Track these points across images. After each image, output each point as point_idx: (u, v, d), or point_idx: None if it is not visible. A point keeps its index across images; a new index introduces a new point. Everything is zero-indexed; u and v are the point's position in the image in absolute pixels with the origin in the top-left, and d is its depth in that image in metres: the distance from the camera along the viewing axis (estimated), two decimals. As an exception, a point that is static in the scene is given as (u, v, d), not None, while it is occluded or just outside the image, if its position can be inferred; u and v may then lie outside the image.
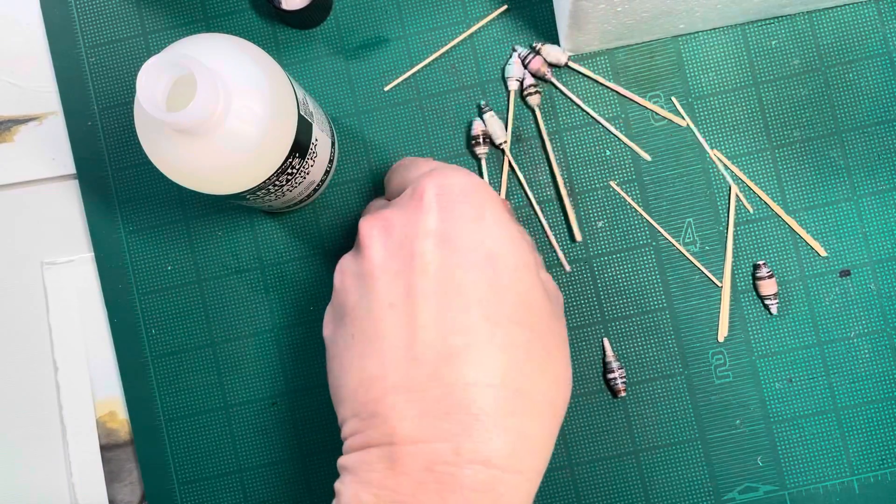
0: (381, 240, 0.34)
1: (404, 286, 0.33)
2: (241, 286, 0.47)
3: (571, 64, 0.47)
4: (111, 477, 0.48)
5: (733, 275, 0.46)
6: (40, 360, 0.48)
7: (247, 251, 0.47)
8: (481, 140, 0.45)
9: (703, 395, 0.46)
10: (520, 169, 0.47)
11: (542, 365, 0.33)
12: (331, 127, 0.45)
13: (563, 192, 0.46)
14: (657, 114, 0.47)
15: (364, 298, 0.34)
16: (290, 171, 0.39)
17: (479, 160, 0.47)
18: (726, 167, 0.46)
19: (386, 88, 0.47)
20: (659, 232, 0.46)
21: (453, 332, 0.32)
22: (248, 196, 0.39)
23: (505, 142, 0.47)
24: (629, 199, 0.46)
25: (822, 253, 0.46)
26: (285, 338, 0.47)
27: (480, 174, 0.47)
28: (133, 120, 0.37)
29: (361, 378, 0.33)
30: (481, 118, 0.47)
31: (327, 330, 0.37)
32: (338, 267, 0.37)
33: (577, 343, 0.46)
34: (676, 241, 0.46)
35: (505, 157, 0.47)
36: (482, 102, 0.47)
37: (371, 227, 0.35)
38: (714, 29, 0.47)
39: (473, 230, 0.33)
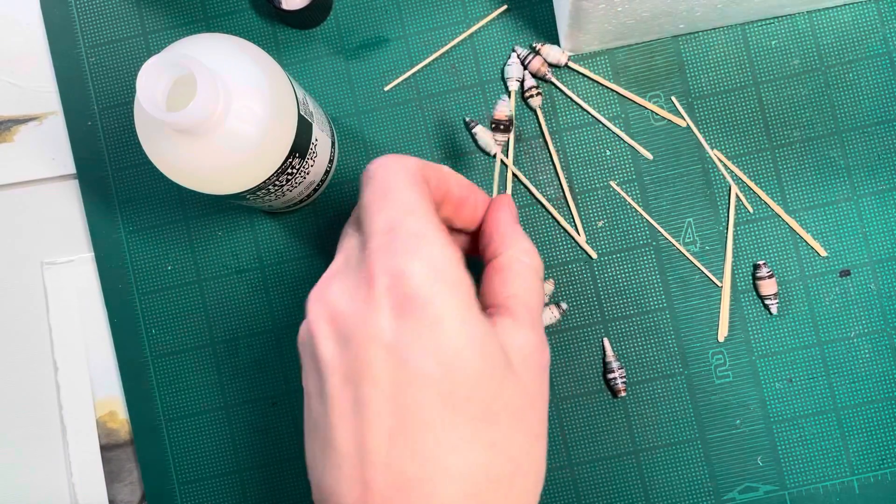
0: (329, 332, 0.31)
1: (354, 397, 0.30)
2: (242, 286, 0.47)
3: (571, 64, 0.47)
4: (111, 477, 0.48)
5: (733, 275, 0.46)
6: (40, 360, 0.48)
7: (247, 251, 0.47)
8: (502, 126, 0.42)
9: (703, 394, 0.46)
10: (521, 170, 0.47)
11: (510, 480, 0.30)
12: (331, 127, 0.45)
13: (567, 191, 0.46)
14: (657, 114, 0.47)
15: (319, 394, 0.31)
16: (290, 171, 0.39)
17: (496, 153, 0.46)
18: (726, 167, 0.46)
19: (386, 88, 0.47)
20: (659, 232, 0.46)
21: (405, 460, 0.29)
22: (248, 196, 0.39)
23: (497, 153, 0.47)
24: (629, 199, 0.46)
25: (823, 253, 0.46)
26: (285, 338, 0.47)
27: (506, 151, 0.47)
28: (133, 120, 0.37)
29: (321, 484, 0.31)
30: (470, 133, 0.47)
31: (305, 382, 0.33)
32: (299, 338, 0.33)
33: (577, 343, 0.46)
34: (676, 240, 0.46)
35: (508, 168, 0.47)
36: (467, 118, 0.47)
37: (318, 317, 0.31)
38: (714, 29, 0.47)
39: (429, 339, 0.29)
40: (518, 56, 0.47)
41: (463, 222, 0.37)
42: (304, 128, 0.39)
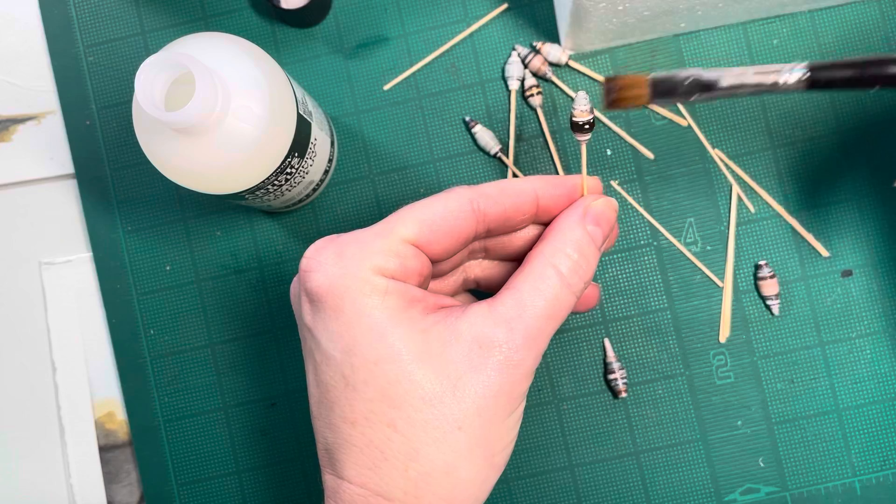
0: (295, 305, 0.35)
1: (309, 368, 0.35)
2: (240, 286, 0.47)
3: (572, 63, 0.46)
4: (109, 478, 0.48)
5: (735, 275, 0.46)
6: (38, 360, 0.48)
7: (246, 251, 0.47)
8: (587, 126, 0.38)
9: (704, 395, 0.46)
10: (521, 169, 0.47)
11: (406, 461, 0.32)
12: (330, 126, 0.45)
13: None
14: (658, 113, 0.46)
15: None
16: (288, 170, 0.39)
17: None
18: (728, 166, 0.46)
19: (385, 87, 0.47)
20: (660, 232, 0.46)
21: (323, 427, 0.34)
22: (246, 196, 0.39)
23: (499, 151, 0.46)
24: (630, 199, 0.46)
25: (825, 253, 0.46)
26: (284, 338, 0.47)
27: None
28: (131, 119, 0.37)
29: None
30: (470, 133, 0.46)
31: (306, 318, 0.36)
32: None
33: (578, 343, 0.46)
34: (678, 240, 0.46)
35: (509, 168, 0.46)
36: (467, 118, 0.46)
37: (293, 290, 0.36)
38: (715, 28, 0.46)
39: (318, 330, 0.33)
40: (518, 55, 0.46)
41: (520, 221, 0.36)
42: (303, 127, 0.39)
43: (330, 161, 0.45)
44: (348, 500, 0.33)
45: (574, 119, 0.36)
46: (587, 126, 0.36)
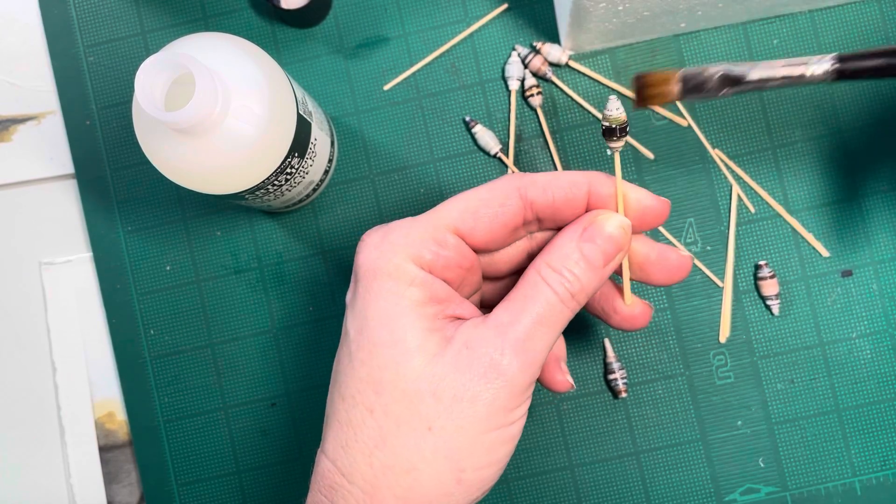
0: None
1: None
2: (240, 286, 0.47)
3: (572, 63, 0.46)
4: (110, 478, 0.48)
5: (735, 275, 0.46)
6: (38, 360, 0.48)
7: (246, 251, 0.47)
8: (618, 132, 0.35)
9: (704, 395, 0.46)
10: (521, 169, 0.47)
11: (370, 450, 0.32)
12: (330, 126, 0.45)
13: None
14: (658, 113, 0.46)
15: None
16: (288, 170, 0.39)
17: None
18: (728, 166, 0.46)
19: (385, 87, 0.47)
20: (660, 231, 0.46)
21: (328, 400, 0.35)
22: (246, 196, 0.39)
23: (499, 151, 0.46)
24: (630, 199, 0.46)
25: (824, 253, 0.46)
26: (284, 338, 0.47)
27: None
28: (132, 119, 0.37)
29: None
30: (470, 133, 0.46)
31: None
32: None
33: (578, 344, 0.46)
34: (678, 240, 0.46)
35: (509, 168, 0.46)
36: (467, 118, 0.46)
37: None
38: (715, 28, 0.46)
39: (350, 308, 0.34)
40: (518, 55, 0.46)
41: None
42: (303, 127, 0.39)
43: (330, 161, 0.45)
44: (321, 472, 0.33)
45: (606, 124, 0.34)
46: (620, 132, 0.34)
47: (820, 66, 0.33)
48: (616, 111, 0.33)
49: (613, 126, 0.34)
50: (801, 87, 0.44)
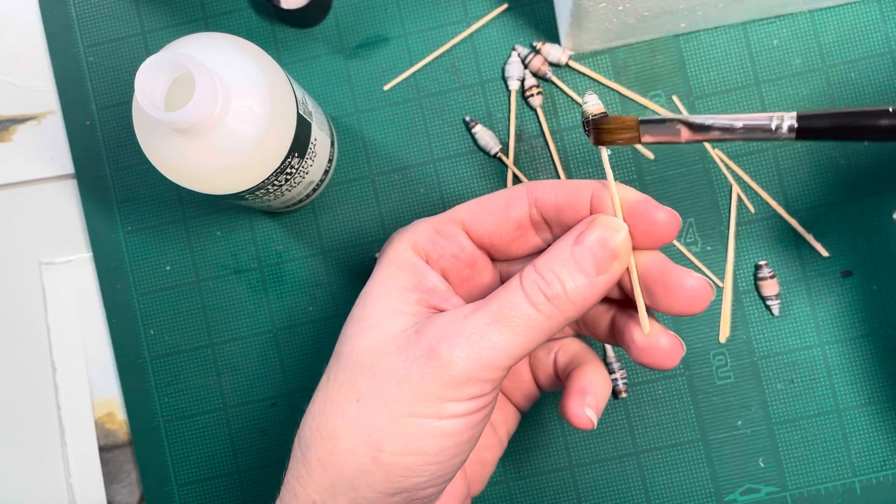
0: None
1: None
2: (240, 286, 0.47)
3: (572, 63, 0.46)
4: (110, 478, 0.48)
5: (735, 275, 0.46)
6: (38, 360, 0.48)
7: (245, 251, 0.47)
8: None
9: (704, 395, 0.46)
10: (521, 170, 0.47)
11: (314, 412, 0.34)
12: (330, 126, 0.45)
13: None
14: (658, 113, 0.46)
15: None
16: (288, 170, 0.39)
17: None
18: (728, 167, 0.46)
19: (385, 88, 0.47)
20: (660, 232, 0.46)
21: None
22: (246, 196, 0.39)
23: (499, 151, 0.46)
24: (630, 199, 0.46)
25: (824, 253, 0.46)
26: (284, 338, 0.47)
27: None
28: (131, 119, 0.37)
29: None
30: (470, 133, 0.46)
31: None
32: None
33: (578, 343, 0.46)
34: (678, 241, 0.46)
35: (509, 168, 0.46)
36: (467, 118, 0.46)
37: None
38: (715, 28, 0.46)
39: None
40: (518, 55, 0.46)
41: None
42: (303, 127, 0.39)
43: (330, 161, 0.45)
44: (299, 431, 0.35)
45: (586, 117, 0.32)
46: (587, 125, 0.32)
47: (783, 123, 0.31)
48: (592, 105, 0.32)
49: (587, 118, 0.32)
50: (765, 141, 0.43)
